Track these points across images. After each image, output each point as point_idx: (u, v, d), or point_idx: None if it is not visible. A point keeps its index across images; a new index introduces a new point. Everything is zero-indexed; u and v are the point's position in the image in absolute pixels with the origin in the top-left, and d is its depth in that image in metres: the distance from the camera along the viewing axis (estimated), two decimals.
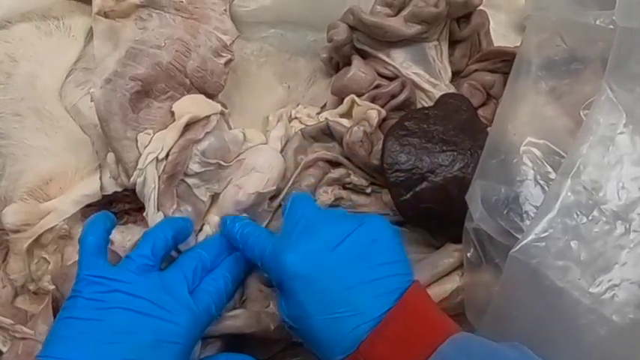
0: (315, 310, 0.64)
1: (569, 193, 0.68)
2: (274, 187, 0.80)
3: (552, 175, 0.73)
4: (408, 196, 0.77)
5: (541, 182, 0.73)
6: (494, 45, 0.92)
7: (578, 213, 0.68)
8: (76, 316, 0.63)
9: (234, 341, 0.76)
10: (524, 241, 0.67)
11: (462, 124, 0.80)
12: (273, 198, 0.82)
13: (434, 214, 0.78)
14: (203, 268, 0.71)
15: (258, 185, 0.79)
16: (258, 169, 0.79)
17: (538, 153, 0.74)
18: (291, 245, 0.67)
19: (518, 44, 0.84)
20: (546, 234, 0.67)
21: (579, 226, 0.67)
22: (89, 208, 0.80)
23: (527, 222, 0.71)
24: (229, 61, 0.82)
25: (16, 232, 0.77)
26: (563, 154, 0.73)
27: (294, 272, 0.65)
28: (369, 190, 0.84)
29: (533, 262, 0.66)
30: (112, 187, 0.81)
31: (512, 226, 0.72)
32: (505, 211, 0.73)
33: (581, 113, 0.74)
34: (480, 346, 0.63)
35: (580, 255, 0.67)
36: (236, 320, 0.74)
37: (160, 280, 0.67)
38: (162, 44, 0.78)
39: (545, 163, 0.74)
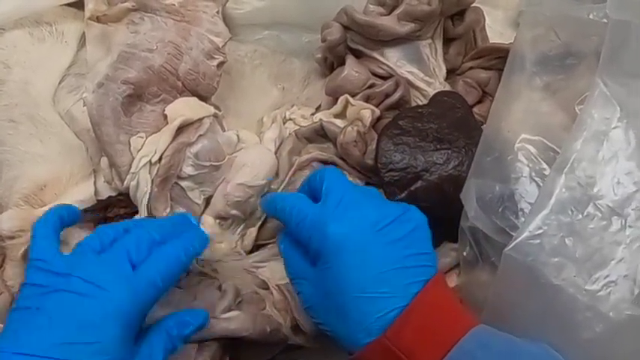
0: (352, 286, 0.64)
1: (563, 190, 0.67)
2: (264, 182, 0.80)
3: (548, 172, 0.72)
4: (403, 195, 0.77)
5: (536, 179, 0.73)
6: (491, 42, 0.91)
7: (573, 209, 0.67)
8: (21, 305, 0.63)
9: (230, 344, 0.75)
10: (519, 239, 0.67)
11: (457, 122, 0.79)
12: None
13: (429, 213, 0.76)
14: (151, 241, 0.68)
15: (245, 177, 0.79)
16: (248, 164, 0.79)
17: (533, 150, 0.74)
18: (339, 217, 0.66)
19: (512, 40, 0.84)
20: (541, 231, 0.66)
21: (574, 223, 0.67)
22: (84, 214, 0.79)
23: (523, 220, 0.70)
24: (222, 63, 0.82)
25: (12, 238, 0.77)
26: (558, 150, 0.72)
27: (339, 244, 0.65)
28: None
29: (528, 260, 0.66)
30: (106, 192, 0.80)
31: (508, 224, 0.71)
32: (500, 209, 0.72)
33: (576, 108, 0.73)
34: (500, 340, 0.63)
35: (575, 252, 0.66)
36: (231, 323, 0.73)
37: (99, 257, 0.65)
38: (154, 47, 0.78)
39: (541, 160, 0.73)
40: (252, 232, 0.83)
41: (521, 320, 0.68)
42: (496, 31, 0.95)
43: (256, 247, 0.83)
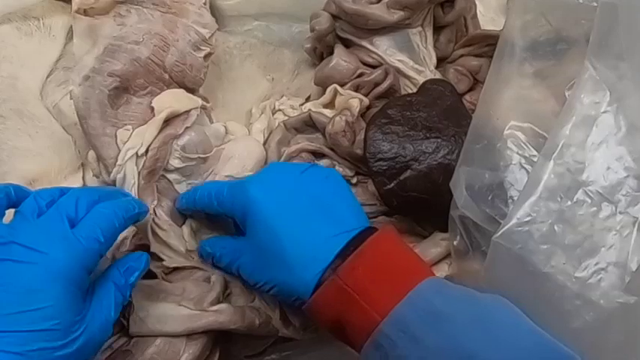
0: (287, 227, 0.66)
1: (552, 176, 0.66)
2: (251, 173, 0.78)
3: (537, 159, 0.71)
4: (392, 185, 0.76)
5: (526, 167, 0.71)
6: (482, 29, 0.90)
7: (562, 196, 0.66)
8: None
9: (220, 336, 0.75)
10: (507, 226, 0.66)
11: (446, 110, 0.78)
12: None
13: (419, 202, 0.76)
14: (89, 200, 0.65)
15: (232, 169, 0.79)
16: (235, 157, 0.79)
17: (522, 137, 0.72)
18: (256, 179, 0.70)
19: None
20: (529, 218, 0.65)
21: (563, 210, 0.66)
22: None
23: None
24: (209, 54, 0.81)
25: None
26: (547, 136, 0.71)
27: (263, 197, 0.67)
28: (354, 181, 0.82)
29: (516, 248, 0.65)
30: (94, 185, 0.80)
31: (497, 213, 0.70)
32: (490, 198, 0.71)
33: (566, 94, 0.72)
34: (456, 288, 0.64)
35: (565, 239, 0.65)
36: (219, 315, 0.73)
37: (37, 220, 0.63)
38: (141, 39, 0.77)
39: (530, 147, 0.72)
40: None
41: None
42: (488, 17, 0.94)
43: None
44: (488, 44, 0.85)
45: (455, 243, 0.74)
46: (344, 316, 0.64)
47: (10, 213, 0.65)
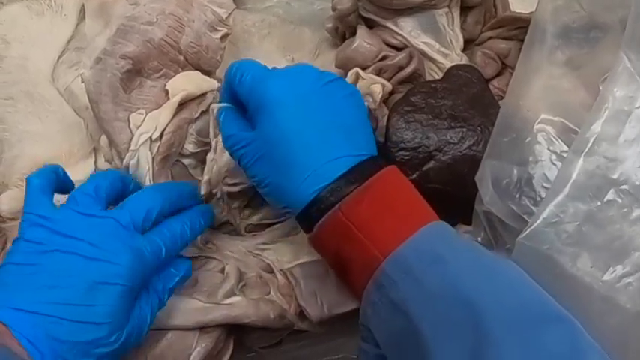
0: (297, 133, 0.64)
1: (581, 174, 0.63)
2: None
3: None
4: (415, 176, 0.72)
5: (557, 163, 0.68)
6: (511, 9, 0.86)
7: (591, 195, 0.63)
8: (16, 261, 0.62)
9: (233, 328, 0.73)
10: (533, 226, 0.63)
11: (472, 99, 0.74)
12: None
13: (442, 194, 0.73)
14: (159, 211, 0.68)
15: None
16: None
17: (553, 131, 0.68)
18: (278, 74, 0.67)
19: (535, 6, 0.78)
20: (556, 219, 0.62)
21: (592, 210, 0.62)
22: None
23: None
24: (226, 35, 0.78)
25: (12, 219, 0.76)
26: (579, 130, 0.67)
27: (279, 95, 0.65)
28: None
29: (542, 249, 0.62)
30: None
31: (524, 211, 0.67)
32: (517, 195, 0.68)
33: (600, 87, 0.68)
34: (462, 238, 0.64)
35: (592, 240, 0.62)
36: (232, 309, 0.71)
37: (102, 220, 0.64)
38: (154, 20, 0.74)
39: (561, 143, 0.68)
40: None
41: None
42: None
43: (262, 227, 0.80)
44: (517, 27, 0.81)
45: (479, 239, 0.71)
46: (345, 251, 0.62)
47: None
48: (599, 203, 0.63)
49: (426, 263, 0.58)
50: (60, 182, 0.69)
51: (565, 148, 0.68)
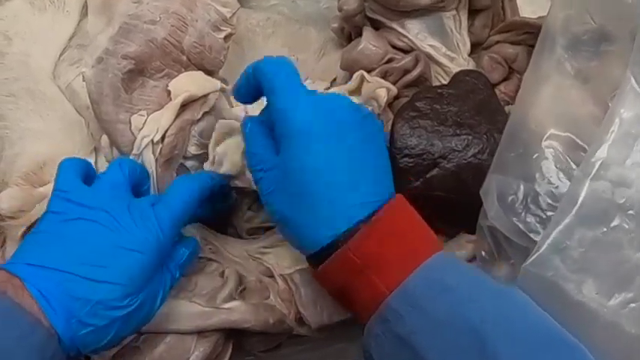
0: (320, 174, 0.62)
1: (587, 198, 0.62)
2: None
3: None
4: (418, 183, 0.72)
5: (564, 181, 0.66)
6: (520, 12, 0.84)
7: (598, 221, 0.62)
8: (42, 230, 0.64)
9: (232, 332, 0.73)
10: (538, 253, 0.62)
11: (479, 105, 0.74)
12: None
13: (446, 202, 0.72)
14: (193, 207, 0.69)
15: None
16: None
17: (561, 148, 0.67)
18: (311, 102, 0.64)
19: (546, 9, 0.77)
20: (562, 245, 0.61)
21: (598, 235, 0.61)
22: None
23: (547, 225, 0.64)
24: (230, 35, 0.77)
25: (12, 218, 0.75)
26: (588, 148, 0.65)
27: (308, 128, 0.62)
28: None
29: (548, 275, 0.61)
30: None
31: (530, 229, 0.66)
32: (522, 212, 0.67)
33: (609, 103, 0.66)
34: (469, 266, 0.64)
35: (598, 267, 0.61)
36: (232, 314, 0.71)
37: (127, 199, 0.67)
38: (157, 19, 0.73)
39: (569, 160, 0.67)
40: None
41: None
42: None
43: (263, 230, 0.80)
44: (526, 32, 0.80)
45: (483, 252, 0.71)
46: (351, 286, 0.62)
47: None
48: (605, 229, 0.62)
49: (435, 292, 0.58)
50: (90, 171, 0.70)
51: (573, 165, 0.67)
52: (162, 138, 0.72)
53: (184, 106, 0.74)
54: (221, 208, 0.76)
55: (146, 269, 0.64)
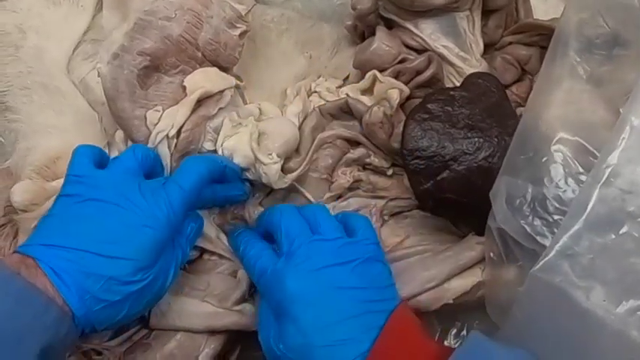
0: (310, 338, 0.63)
1: (596, 205, 0.61)
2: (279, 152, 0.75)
3: (584, 178, 0.66)
4: (428, 185, 0.72)
5: (572, 185, 0.67)
6: (534, 12, 0.84)
7: (607, 228, 0.61)
8: (54, 212, 0.66)
9: (240, 334, 0.74)
10: (546, 258, 0.62)
11: (491, 108, 0.74)
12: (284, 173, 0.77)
13: (456, 204, 0.73)
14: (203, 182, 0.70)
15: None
16: (266, 134, 0.75)
17: (570, 152, 0.67)
18: (293, 270, 0.66)
19: (558, 8, 0.76)
20: (570, 251, 0.61)
21: (607, 243, 0.61)
22: None
23: (554, 229, 0.65)
24: (244, 32, 0.77)
25: (24, 211, 0.75)
26: (597, 153, 0.66)
27: (294, 297, 0.64)
28: (390, 172, 0.79)
29: (556, 281, 0.61)
30: None
31: (537, 232, 0.66)
32: (530, 215, 0.67)
33: (621, 110, 0.66)
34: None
35: (606, 274, 0.61)
36: (242, 317, 0.73)
37: (138, 179, 0.68)
38: (173, 15, 0.73)
39: (578, 164, 0.67)
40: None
41: (543, 340, 0.64)
42: None
43: None
44: (539, 33, 0.80)
45: (491, 254, 0.71)
46: None
47: None
48: (613, 236, 0.62)
49: None
50: (103, 158, 0.71)
51: (581, 170, 0.67)
52: (178, 133, 0.73)
53: (200, 102, 0.74)
54: (234, 196, 0.76)
55: (157, 244, 0.65)
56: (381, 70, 0.79)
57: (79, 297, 0.60)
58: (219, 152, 0.75)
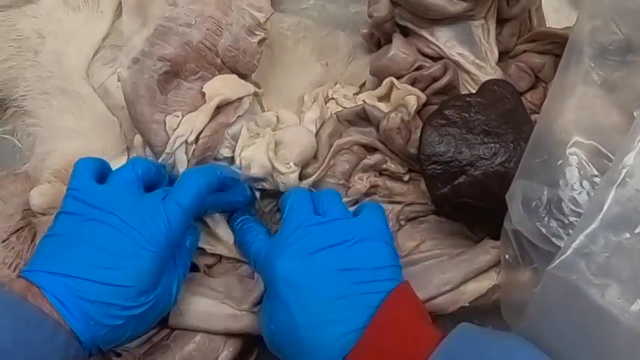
0: (301, 318, 0.64)
1: (612, 205, 0.62)
2: (297, 161, 0.76)
3: (599, 180, 0.67)
4: (445, 189, 0.73)
5: (587, 188, 0.68)
6: (546, 21, 0.86)
7: (622, 227, 0.62)
8: (55, 232, 0.66)
9: (258, 338, 0.73)
10: (563, 256, 0.62)
11: (506, 114, 0.75)
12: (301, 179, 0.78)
13: (472, 209, 0.74)
14: (202, 194, 0.71)
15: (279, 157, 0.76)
16: (283, 143, 0.76)
17: (585, 155, 0.68)
18: (284, 251, 0.68)
19: (571, 18, 0.78)
20: (587, 249, 0.62)
21: (622, 241, 0.62)
22: None
23: (569, 230, 0.66)
24: (263, 39, 0.78)
25: (42, 214, 0.76)
26: (611, 156, 0.67)
27: (284, 278, 0.65)
28: (406, 178, 0.80)
29: (572, 279, 0.62)
30: None
31: (553, 233, 0.67)
32: (546, 216, 0.68)
33: (635, 113, 0.68)
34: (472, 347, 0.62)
35: (621, 272, 0.62)
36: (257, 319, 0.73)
37: (137, 198, 0.68)
38: (193, 22, 0.74)
39: (592, 167, 0.68)
40: None
41: (558, 337, 0.64)
42: (551, 6, 0.89)
43: None
44: (553, 42, 0.81)
45: (506, 256, 0.72)
46: None
47: None
48: (628, 235, 0.63)
49: None
50: (105, 170, 0.71)
51: (596, 172, 0.68)
52: (197, 139, 0.73)
53: (219, 108, 0.75)
54: (237, 201, 0.76)
55: (158, 266, 0.66)
56: (398, 78, 0.80)
57: (84, 323, 0.62)
58: (237, 161, 0.75)
